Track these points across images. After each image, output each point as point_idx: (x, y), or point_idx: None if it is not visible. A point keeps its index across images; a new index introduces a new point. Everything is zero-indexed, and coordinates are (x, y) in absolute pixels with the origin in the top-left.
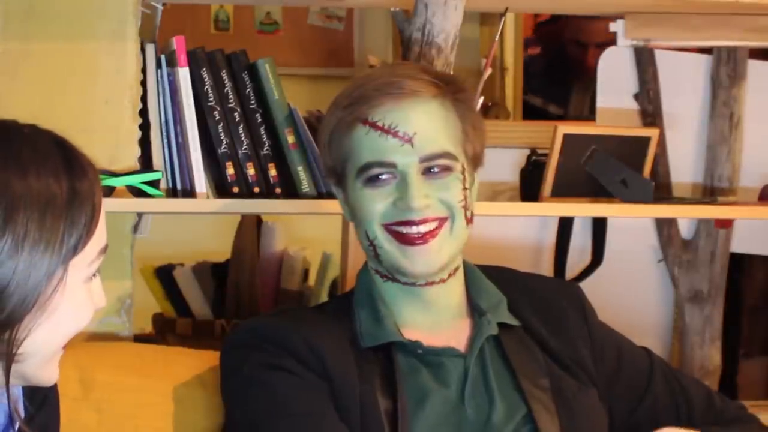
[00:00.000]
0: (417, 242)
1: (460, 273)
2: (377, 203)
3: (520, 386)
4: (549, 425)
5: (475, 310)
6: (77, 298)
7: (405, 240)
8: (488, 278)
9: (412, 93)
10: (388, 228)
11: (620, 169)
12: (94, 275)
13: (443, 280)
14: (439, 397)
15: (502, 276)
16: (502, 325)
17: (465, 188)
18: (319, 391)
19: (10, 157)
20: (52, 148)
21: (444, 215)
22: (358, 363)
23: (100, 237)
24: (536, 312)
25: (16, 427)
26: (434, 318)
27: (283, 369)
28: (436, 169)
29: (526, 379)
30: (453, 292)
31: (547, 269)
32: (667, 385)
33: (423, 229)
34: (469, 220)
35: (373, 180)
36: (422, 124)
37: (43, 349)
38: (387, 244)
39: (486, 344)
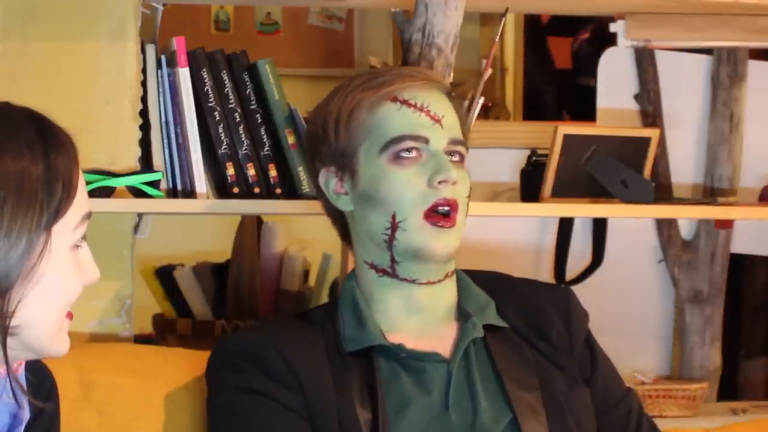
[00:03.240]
0: (447, 226)
1: (454, 276)
2: (411, 185)
3: (506, 390)
4: (536, 427)
5: (462, 314)
6: (64, 265)
7: (438, 224)
8: (477, 283)
9: (434, 81)
10: (426, 214)
11: (620, 169)
12: (79, 245)
13: (440, 281)
14: (420, 404)
15: (491, 281)
16: (490, 328)
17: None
18: (294, 414)
19: None
20: (27, 123)
21: (459, 202)
22: (337, 372)
23: (81, 203)
24: (523, 317)
25: (22, 428)
26: (422, 321)
27: (257, 392)
28: (456, 157)
29: (512, 382)
30: (446, 295)
31: (547, 271)
32: (626, 420)
33: (449, 210)
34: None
35: (402, 156)
36: (446, 109)
37: (37, 319)
38: (418, 227)
39: (472, 348)
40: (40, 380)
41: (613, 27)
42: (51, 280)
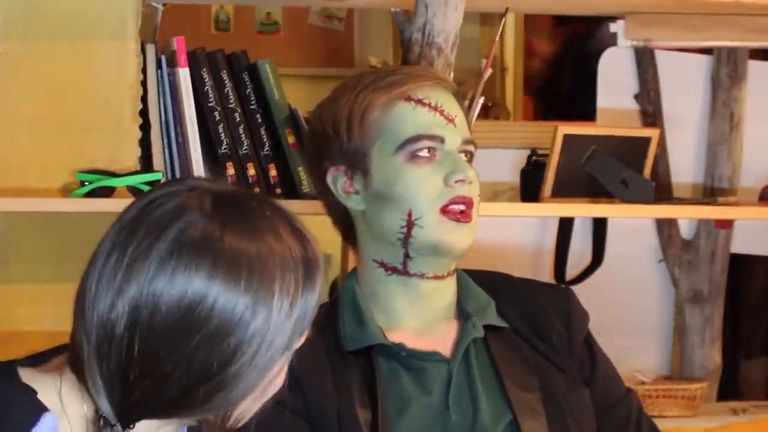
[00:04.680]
0: (464, 220)
1: (454, 275)
2: (428, 182)
3: (506, 390)
4: (536, 428)
5: (462, 314)
6: (281, 375)
7: (455, 218)
8: (477, 283)
9: (444, 80)
10: (443, 210)
11: (620, 169)
12: None
13: (444, 276)
14: (420, 404)
15: (491, 281)
16: (490, 328)
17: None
18: (294, 414)
19: (254, 230)
20: (298, 266)
21: (474, 200)
22: (337, 373)
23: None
24: (523, 318)
25: None
26: (425, 319)
27: None
28: (466, 157)
29: (512, 382)
30: (448, 292)
31: (547, 271)
32: (626, 420)
33: (465, 208)
34: None
35: (418, 154)
36: (457, 109)
37: (246, 416)
38: (435, 223)
39: (472, 348)
40: None
41: (613, 27)
42: (272, 386)
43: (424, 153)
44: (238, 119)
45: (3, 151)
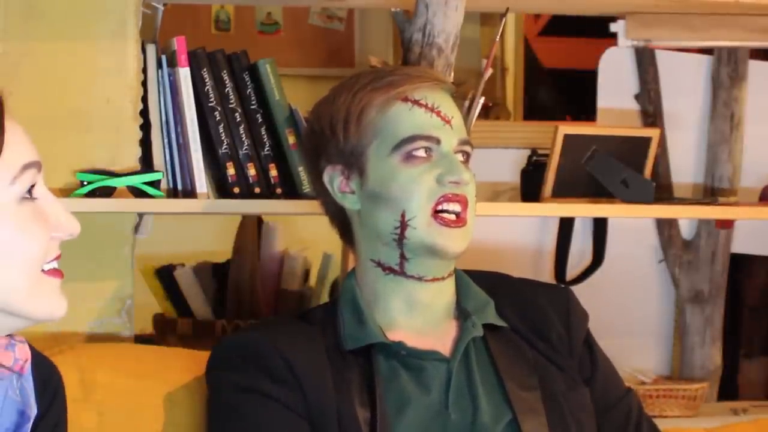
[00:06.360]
0: (454, 225)
1: (453, 275)
2: (422, 183)
3: (506, 389)
4: (535, 427)
5: (462, 313)
6: (15, 219)
7: (445, 222)
8: (476, 283)
9: (441, 81)
10: (435, 212)
11: (621, 169)
12: (30, 197)
13: (444, 278)
14: (419, 403)
15: (490, 281)
16: (489, 327)
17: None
18: (294, 413)
19: None
20: None
21: (469, 199)
22: (337, 372)
23: (15, 154)
24: (522, 318)
25: (29, 426)
26: (423, 319)
27: (257, 392)
28: (463, 157)
29: (512, 381)
30: (447, 292)
31: (547, 271)
32: (626, 420)
33: (459, 208)
34: None
35: (413, 155)
36: (454, 110)
37: (4, 281)
38: (425, 226)
39: (472, 347)
40: (46, 377)
41: (613, 27)
42: (5, 238)
43: (420, 153)
44: (238, 119)
45: None
